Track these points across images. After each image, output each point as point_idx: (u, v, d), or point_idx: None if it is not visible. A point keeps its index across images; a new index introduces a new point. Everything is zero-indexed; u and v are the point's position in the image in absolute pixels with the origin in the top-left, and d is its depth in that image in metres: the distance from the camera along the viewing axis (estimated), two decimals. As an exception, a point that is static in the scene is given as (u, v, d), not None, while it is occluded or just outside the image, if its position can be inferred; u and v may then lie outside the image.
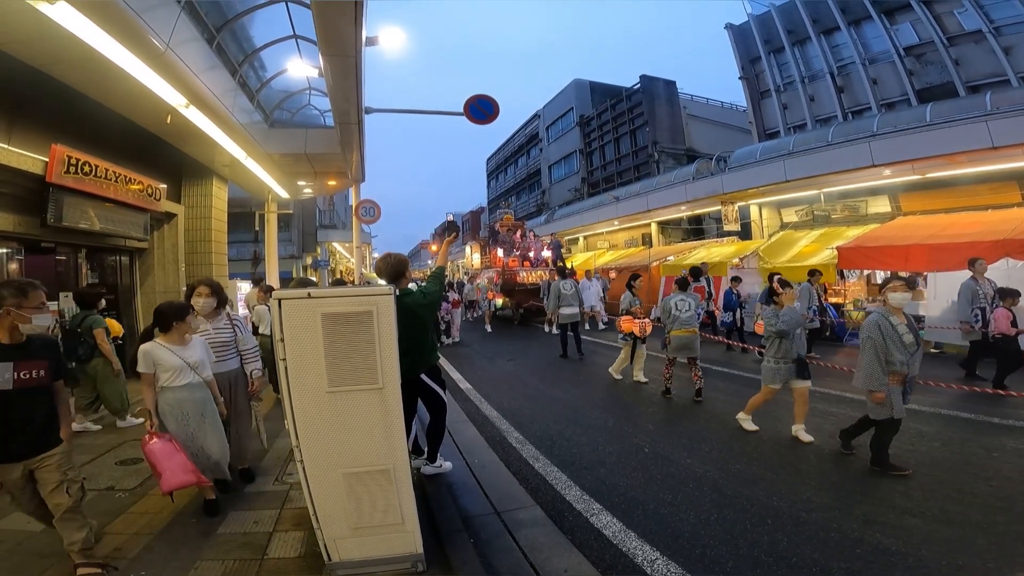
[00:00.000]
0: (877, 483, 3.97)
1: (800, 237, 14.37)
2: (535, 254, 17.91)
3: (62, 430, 2.88)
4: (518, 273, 16.63)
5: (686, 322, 6.59)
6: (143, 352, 3.44)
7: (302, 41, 8.32)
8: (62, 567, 2.83)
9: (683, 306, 6.63)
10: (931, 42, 17.42)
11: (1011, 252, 7.99)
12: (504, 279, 16.24)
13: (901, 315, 4.22)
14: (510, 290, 16.21)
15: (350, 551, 2.78)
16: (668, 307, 6.70)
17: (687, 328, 6.58)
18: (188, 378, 3.50)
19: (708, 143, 29.26)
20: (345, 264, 36.75)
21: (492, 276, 16.64)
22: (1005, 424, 5.22)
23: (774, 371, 5.02)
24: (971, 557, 2.91)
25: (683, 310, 6.62)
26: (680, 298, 6.71)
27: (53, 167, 6.10)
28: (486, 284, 16.48)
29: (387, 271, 3.97)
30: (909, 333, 4.12)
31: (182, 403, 3.49)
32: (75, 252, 7.46)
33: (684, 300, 6.68)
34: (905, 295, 4.21)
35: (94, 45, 4.84)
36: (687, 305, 6.65)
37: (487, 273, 17.32)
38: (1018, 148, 11.00)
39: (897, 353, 4.02)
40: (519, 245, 17.99)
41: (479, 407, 6.65)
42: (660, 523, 3.46)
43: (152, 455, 3.22)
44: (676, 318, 6.61)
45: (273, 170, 10.85)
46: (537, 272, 16.95)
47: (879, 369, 4.04)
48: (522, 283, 16.50)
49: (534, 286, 16.49)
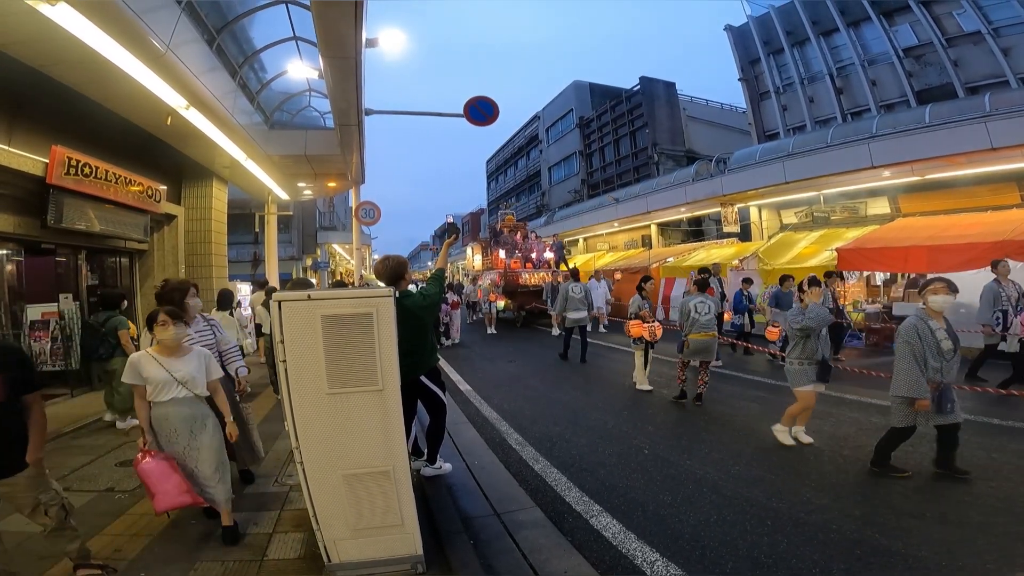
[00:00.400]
0: (876, 484, 3.97)
1: (800, 238, 14.38)
2: (537, 255, 17.73)
3: (28, 453, 2.53)
4: (520, 275, 16.47)
5: (705, 325, 6.36)
6: (130, 363, 3.12)
7: (302, 43, 8.34)
8: (62, 567, 2.83)
9: (702, 308, 6.40)
10: (930, 43, 17.44)
11: (1010, 253, 7.98)
12: (506, 281, 16.06)
13: (941, 319, 4.01)
14: (512, 292, 16.03)
15: (350, 552, 2.78)
16: (687, 309, 6.45)
17: (706, 331, 6.37)
18: (173, 392, 3.10)
19: (708, 144, 29.28)
20: (345, 266, 36.74)
21: (494, 278, 16.39)
22: (1005, 425, 5.22)
23: (800, 372, 4.76)
24: (971, 558, 2.91)
25: (702, 312, 6.38)
26: (699, 300, 6.48)
27: (53, 168, 6.10)
28: (488, 286, 16.14)
29: (386, 273, 3.98)
30: (948, 339, 3.92)
31: (168, 419, 3.13)
32: (75, 253, 7.47)
33: (703, 302, 6.45)
34: (948, 298, 3.99)
35: (94, 46, 4.86)
36: (706, 307, 6.42)
37: (489, 275, 17.06)
38: (1017, 149, 11.01)
39: (932, 360, 3.86)
40: (521, 246, 17.82)
41: (479, 408, 6.65)
42: (660, 524, 3.46)
43: (144, 475, 2.98)
44: (695, 321, 6.36)
45: (273, 171, 10.87)
46: (539, 274, 16.75)
47: (920, 376, 3.84)
48: (524, 285, 16.34)
49: (536, 288, 16.35)
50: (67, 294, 6.66)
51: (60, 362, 6.34)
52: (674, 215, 22.17)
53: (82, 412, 6.16)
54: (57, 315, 6.34)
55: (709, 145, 28.73)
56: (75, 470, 4.43)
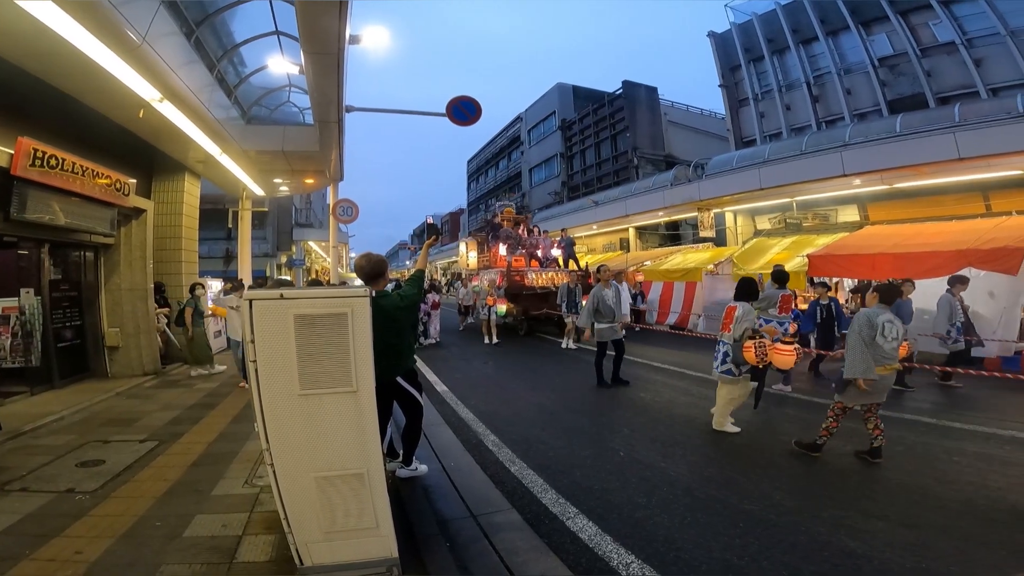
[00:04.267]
0: (844, 486, 4.07)
1: (773, 244, 14.69)
2: (543, 252, 15.25)
3: None
4: (526, 274, 13.77)
5: (890, 355, 4.49)
6: None
7: (284, 37, 8.18)
8: (20, 570, 2.72)
9: (891, 331, 4.46)
10: (905, 53, 17.95)
11: (973, 262, 8.26)
12: (509, 282, 13.35)
13: None
14: (516, 295, 13.34)
15: (323, 555, 2.73)
16: (871, 327, 4.44)
17: (891, 364, 4.53)
18: None
19: (687, 150, 29.74)
20: (321, 263, 36.28)
21: (494, 278, 14.11)
22: (967, 429, 5.38)
23: None
24: (934, 561, 2.99)
25: (890, 336, 4.46)
26: (888, 319, 4.49)
27: (18, 160, 5.88)
28: (486, 287, 13.92)
29: (367, 269, 3.95)
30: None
31: None
32: (38, 247, 7.21)
33: (893, 324, 4.50)
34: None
35: (67, 37, 4.67)
36: (895, 330, 4.49)
37: (487, 274, 14.88)
38: (983, 160, 11.42)
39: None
40: (525, 242, 15.33)
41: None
42: (635, 527, 3.48)
43: None
44: (878, 348, 4.42)
45: (249, 167, 10.65)
46: (548, 274, 14.23)
47: None
48: (530, 286, 13.62)
49: (544, 290, 13.65)
50: (28, 289, 6.43)
51: (20, 359, 6.10)
52: (652, 219, 22.47)
53: (42, 411, 5.95)
54: (17, 310, 6.11)
55: (688, 150, 29.19)
56: (33, 470, 4.27)
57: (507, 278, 13.40)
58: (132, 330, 8.44)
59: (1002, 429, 5.31)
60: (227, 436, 5.22)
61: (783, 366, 5.63)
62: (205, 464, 4.48)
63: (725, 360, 5.31)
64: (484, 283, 14.49)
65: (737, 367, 5.24)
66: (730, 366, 5.27)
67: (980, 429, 5.35)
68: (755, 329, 5.23)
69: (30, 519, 3.44)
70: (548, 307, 13.22)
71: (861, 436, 4.68)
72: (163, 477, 4.18)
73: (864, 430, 4.60)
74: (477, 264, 16.74)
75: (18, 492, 3.82)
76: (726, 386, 5.38)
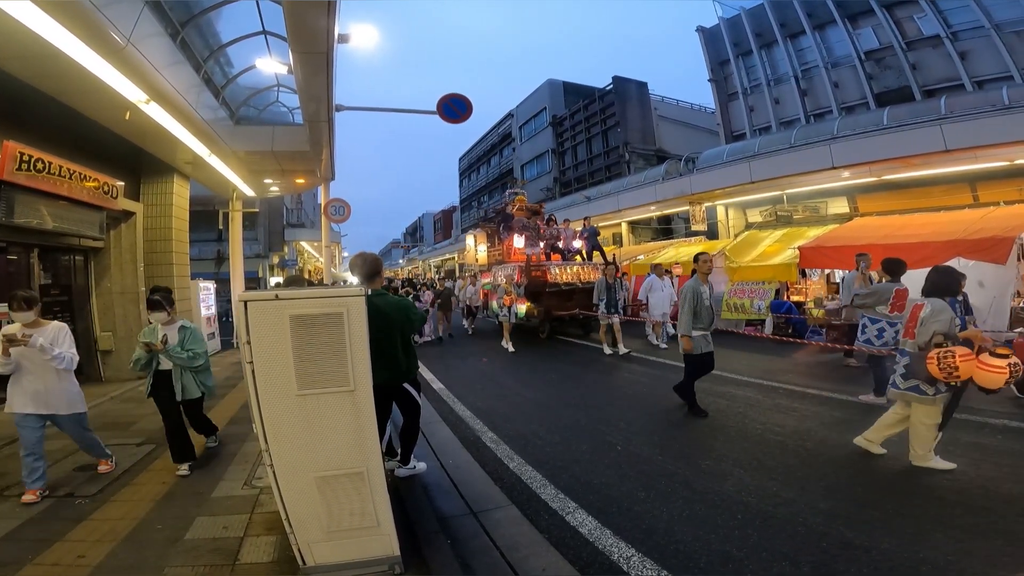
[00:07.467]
0: (839, 477, 4.10)
1: (764, 237, 14.75)
2: (564, 244, 13.28)
3: None
4: (549, 269, 11.92)
5: None
6: None
7: (271, 37, 8.12)
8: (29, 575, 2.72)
9: None
10: (890, 47, 18.13)
11: (962, 252, 8.35)
12: (529, 278, 11.57)
13: None
14: (537, 293, 11.52)
15: (325, 555, 2.74)
16: None
17: None
18: None
19: (677, 144, 29.83)
20: (314, 263, 36.17)
21: (511, 274, 12.31)
22: (959, 419, 5.40)
23: None
24: (930, 550, 3.00)
25: None
26: None
27: (5, 164, 5.83)
28: (504, 285, 12.18)
29: (363, 267, 3.95)
30: None
31: None
32: (27, 252, 7.14)
33: None
34: None
35: (49, 39, 4.60)
36: None
37: (502, 270, 13.10)
38: (970, 151, 11.56)
39: None
40: (546, 233, 13.23)
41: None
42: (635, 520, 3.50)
43: None
44: None
45: (238, 168, 10.57)
46: (574, 268, 12.40)
47: None
48: (554, 282, 11.77)
49: (569, 286, 11.87)
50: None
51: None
52: (644, 213, 22.54)
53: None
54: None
55: (679, 145, 29.28)
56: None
57: (526, 274, 11.63)
58: (124, 334, 8.38)
59: (994, 419, 5.33)
60: (225, 438, 5.21)
61: (989, 385, 3.88)
62: (204, 466, 4.47)
63: (908, 375, 4.13)
64: (501, 280, 12.78)
65: (931, 384, 3.97)
66: (917, 382, 4.04)
67: (973, 419, 5.38)
68: (945, 334, 3.84)
69: (31, 524, 3.44)
70: (578, 306, 11.44)
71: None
72: (162, 480, 4.18)
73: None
74: (487, 259, 15.02)
75: (18, 497, 3.80)
76: (921, 407, 4.09)
